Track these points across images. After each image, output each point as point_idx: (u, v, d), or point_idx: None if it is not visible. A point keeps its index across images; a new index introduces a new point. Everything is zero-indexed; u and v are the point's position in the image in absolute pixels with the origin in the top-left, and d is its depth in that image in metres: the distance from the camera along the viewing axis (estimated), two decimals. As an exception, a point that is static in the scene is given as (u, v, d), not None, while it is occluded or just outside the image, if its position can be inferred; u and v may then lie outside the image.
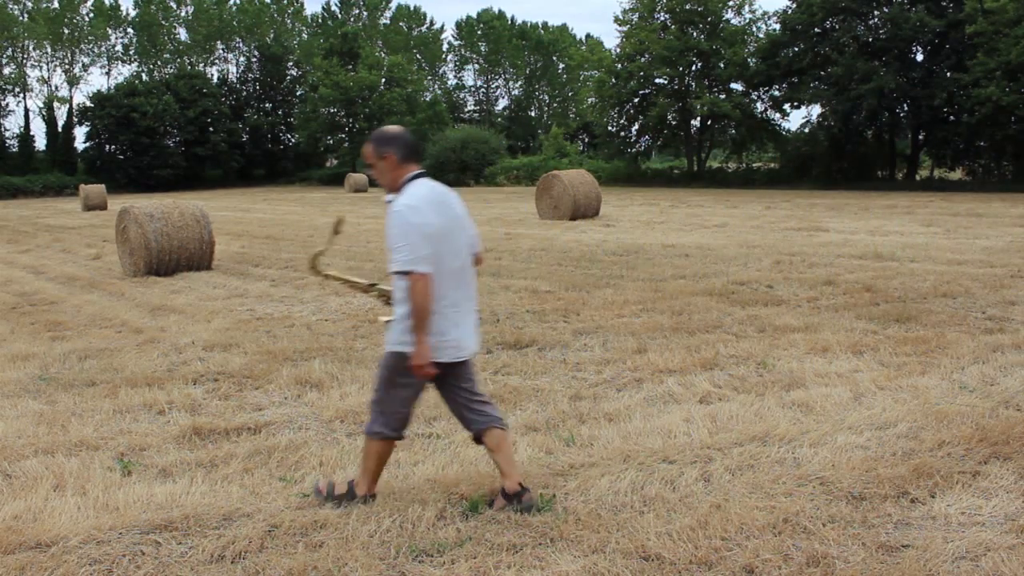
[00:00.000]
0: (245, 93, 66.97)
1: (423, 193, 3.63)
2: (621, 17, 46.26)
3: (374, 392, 3.84)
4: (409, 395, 3.77)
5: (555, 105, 75.30)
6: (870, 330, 7.30)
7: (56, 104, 62.17)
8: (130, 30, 66.08)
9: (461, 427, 4.95)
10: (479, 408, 3.84)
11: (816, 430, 4.70)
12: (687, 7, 43.77)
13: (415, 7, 74.84)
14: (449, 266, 3.63)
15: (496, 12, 74.27)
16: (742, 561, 3.27)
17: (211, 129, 59.44)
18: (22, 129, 62.14)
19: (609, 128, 48.92)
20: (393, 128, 3.77)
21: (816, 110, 41.12)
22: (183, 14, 67.86)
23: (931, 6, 34.77)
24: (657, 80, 44.63)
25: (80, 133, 61.03)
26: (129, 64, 66.64)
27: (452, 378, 3.79)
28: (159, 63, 67.06)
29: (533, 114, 75.61)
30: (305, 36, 72.41)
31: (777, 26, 41.50)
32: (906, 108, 37.70)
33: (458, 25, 74.66)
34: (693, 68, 44.68)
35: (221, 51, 69.17)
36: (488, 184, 49.98)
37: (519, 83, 75.27)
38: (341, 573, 3.27)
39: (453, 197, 3.78)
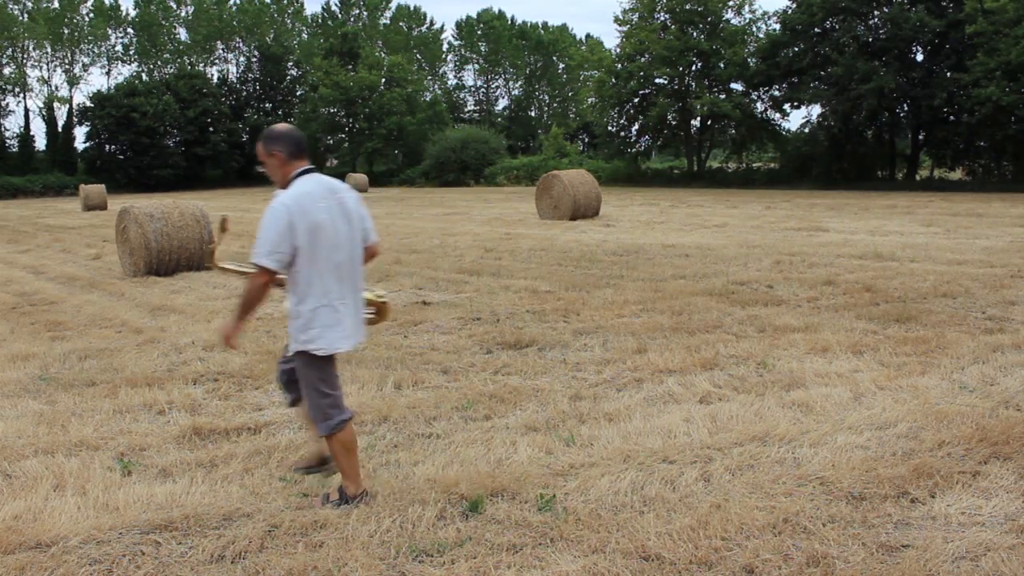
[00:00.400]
0: (245, 93, 66.95)
1: (308, 189, 3.72)
2: (621, 17, 46.31)
3: (307, 399, 3.88)
4: (329, 377, 3.85)
5: (555, 105, 75.30)
6: (870, 330, 7.30)
7: (56, 104, 62.20)
8: (130, 30, 66.05)
9: (461, 427, 4.98)
10: None
11: (816, 430, 4.70)
12: (687, 7, 43.78)
13: (415, 7, 74.87)
14: (334, 260, 3.75)
15: (496, 12, 74.31)
16: (742, 561, 3.27)
17: (211, 129, 59.41)
18: (22, 129, 62.16)
19: (609, 128, 48.94)
20: (281, 126, 3.88)
21: (816, 110, 41.24)
22: (183, 14, 67.87)
23: (931, 6, 34.78)
24: (657, 80, 44.64)
25: (80, 133, 61.09)
26: (129, 64, 66.67)
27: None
28: (159, 63, 67.04)
29: (533, 114, 75.61)
30: (305, 36, 72.40)
31: (777, 26, 41.55)
32: (906, 108, 37.72)
33: (458, 25, 74.72)
34: (693, 68, 44.68)
35: (221, 51, 69.16)
36: (488, 184, 50.01)
37: (519, 83, 75.27)
38: (341, 573, 3.27)
39: (344, 191, 3.87)
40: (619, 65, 45.57)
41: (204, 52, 68.09)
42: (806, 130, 42.36)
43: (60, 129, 61.64)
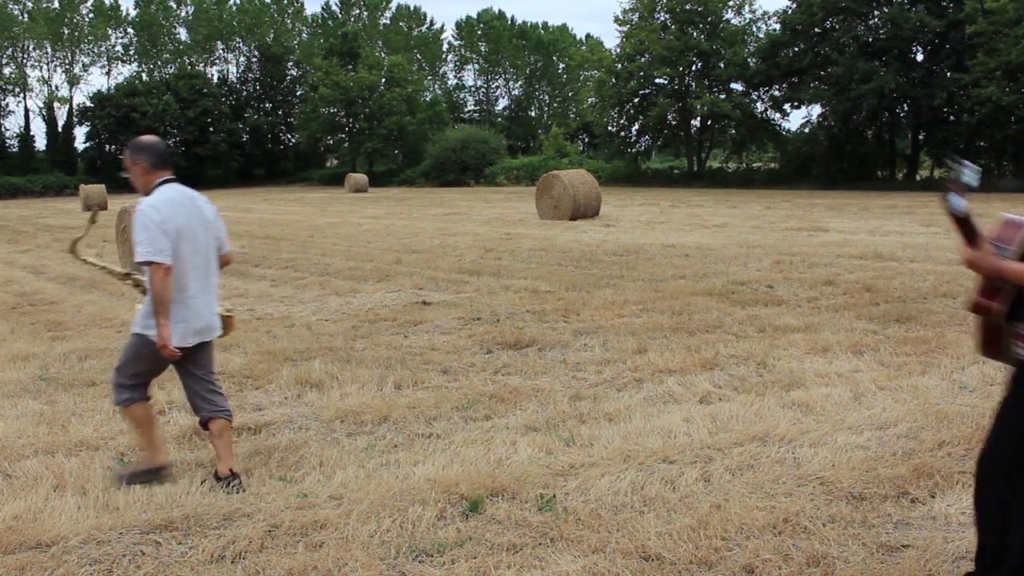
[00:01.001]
0: (245, 93, 66.93)
1: (169, 196, 4.08)
2: (621, 17, 46.32)
3: (116, 370, 4.16)
4: (150, 369, 4.16)
5: (555, 105, 75.26)
6: (870, 330, 7.30)
7: (56, 104, 62.20)
8: (130, 30, 66.05)
9: (461, 427, 4.98)
10: (210, 396, 4.24)
11: (816, 430, 4.70)
12: (687, 7, 43.78)
13: (415, 7, 74.85)
14: (192, 261, 4.08)
15: (496, 12, 74.23)
16: (742, 561, 3.27)
17: (211, 129, 59.41)
18: (22, 129, 62.17)
19: (609, 128, 48.92)
20: (147, 138, 4.25)
21: (816, 110, 41.20)
22: (183, 14, 67.86)
23: (931, 6, 34.78)
24: (657, 80, 44.64)
25: (80, 133, 61.13)
26: (129, 64, 66.66)
27: (190, 363, 4.19)
28: (159, 63, 67.04)
29: (533, 114, 75.57)
30: (305, 36, 72.36)
31: (777, 26, 41.55)
32: (906, 108, 37.72)
33: (458, 25, 74.68)
34: (693, 68, 44.68)
35: (221, 51, 69.14)
36: (488, 184, 50.00)
37: (519, 83, 75.23)
38: (341, 573, 3.27)
39: (202, 201, 4.24)
40: (619, 65, 45.56)
41: (204, 52, 68.08)
42: (806, 130, 42.36)
43: (60, 129, 61.65)
